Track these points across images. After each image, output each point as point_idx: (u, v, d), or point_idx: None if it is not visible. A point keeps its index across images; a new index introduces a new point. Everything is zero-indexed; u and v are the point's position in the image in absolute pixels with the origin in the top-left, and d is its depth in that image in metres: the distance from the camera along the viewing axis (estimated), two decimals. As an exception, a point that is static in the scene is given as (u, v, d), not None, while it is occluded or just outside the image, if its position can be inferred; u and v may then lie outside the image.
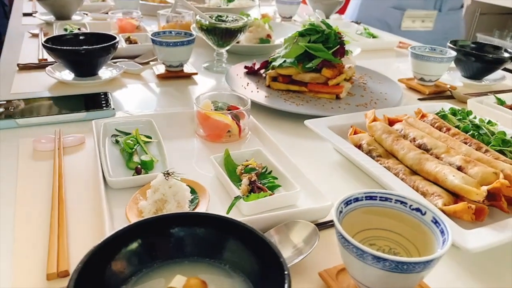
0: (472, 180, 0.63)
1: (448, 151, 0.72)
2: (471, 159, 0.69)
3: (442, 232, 0.47)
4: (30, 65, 1.18)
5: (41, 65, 1.17)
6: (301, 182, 0.68)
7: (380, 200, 0.52)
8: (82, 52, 1.06)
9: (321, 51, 1.02)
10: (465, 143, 0.77)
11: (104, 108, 0.92)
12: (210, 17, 1.23)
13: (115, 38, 1.13)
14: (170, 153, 0.77)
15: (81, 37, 1.15)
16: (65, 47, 1.05)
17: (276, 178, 0.69)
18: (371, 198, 0.50)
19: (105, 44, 1.09)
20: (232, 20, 1.25)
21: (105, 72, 1.16)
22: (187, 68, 1.22)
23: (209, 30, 1.20)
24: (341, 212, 0.49)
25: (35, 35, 1.50)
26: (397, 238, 0.51)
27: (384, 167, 0.72)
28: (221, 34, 1.21)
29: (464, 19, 2.49)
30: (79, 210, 0.62)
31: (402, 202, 0.51)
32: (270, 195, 0.64)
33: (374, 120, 0.82)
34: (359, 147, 0.79)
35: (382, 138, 0.77)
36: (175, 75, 1.18)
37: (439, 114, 0.91)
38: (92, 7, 1.91)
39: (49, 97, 0.98)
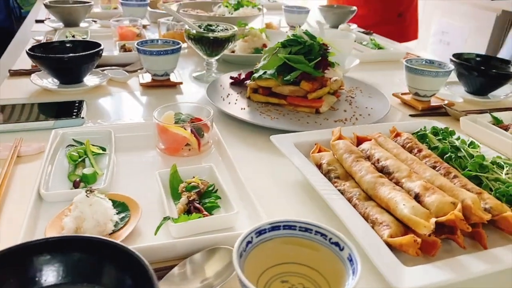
0: (423, 210, 0.57)
1: (410, 176, 0.66)
2: (432, 186, 0.62)
3: (353, 272, 0.42)
4: (20, 71, 1.20)
5: (31, 72, 1.19)
6: (245, 203, 0.64)
7: (299, 230, 0.47)
8: (65, 60, 1.07)
9: (301, 63, 0.98)
10: (434, 167, 0.70)
11: (74, 117, 0.92)
12: (199, 26, 1.21)
13: (99, 45, 1.13)
14: (123, 166, 0.76)
15: (67, 45, 1.16)
16: (47, 55, 1.06)
17: (219, 198, 0.65)
18: (278, 228, 0.46)
19: (88, 52, 1.09)
20: (222, 30, 1.23)
21: (90, 80, 1.16)
22: (175, 77, 1.21)
23: (197, 39, 1.18)
24: (249, 242, 0.45)
25: (38, 42, 1.53)
26: (313, 275, 0.46)
27: (339, 190, 0.67)
28: (209, 44, 1.18)
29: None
30: (14, 222, 0.61)
31: (322, 234, 0.47)
32: (205, 216, 0.60)
33: (340, 138, 0.77)
34: (320, 166, 0.74)
35: (343, 158, 0.72)
36: (159, 84, 1.17)
37: (419, 133, 0.84)
38: (102, 14, 1.94)
39: (23, 104, 0.98)
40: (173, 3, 1.91)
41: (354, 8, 1.98)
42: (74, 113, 0.93)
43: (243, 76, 1.14)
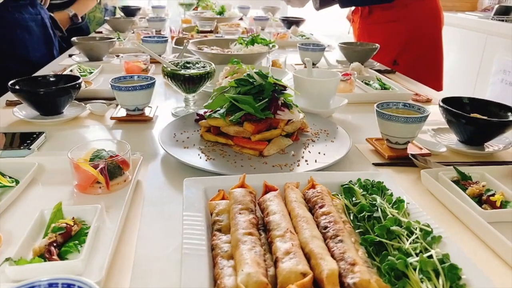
0: (257, 280, 0.49)
1: (284, 236, 0.58)
2: (295, 251, 0.54)
3: None
4: (15, 102, 1.29)
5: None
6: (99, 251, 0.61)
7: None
8: (41, 93, 1.13)
9: (247, 103, 0.94)
10: (326, 227, 0.62)
11: (21, 148, 0.96)
12: (176, 64, 1.23)
13: (77, 79, 1.19)
14: (26, 200, 0.77)
15: (51, 79, 1.23)
16: (24, 89, 1.13)
17: (83, 242, 0.63)
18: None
19: (63, 86, 1.15)
20: (199, 67, 1.23)
21: (70, 111, 1.21)
22: (152, 112, 1.23)
23: (172, 76, 1.19)
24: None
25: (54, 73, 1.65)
26: None
27: (213, 244, 0.61)
28: (183, 81, 1.19)
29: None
30: None
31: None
32: (50, 260, 0.58)
33: (242, 186, 0.71)
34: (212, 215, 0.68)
35: (231, 208, 0.66)
36: (129, 118, 1.19)
37: (345, 186, 0.75)
38: (124, 50, 2.05)
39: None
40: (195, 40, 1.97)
41: (377, 45, 1.89)
42: (25, 144, 0.97)
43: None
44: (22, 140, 1.00)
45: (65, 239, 0.63)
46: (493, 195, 0.76)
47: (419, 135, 1.08)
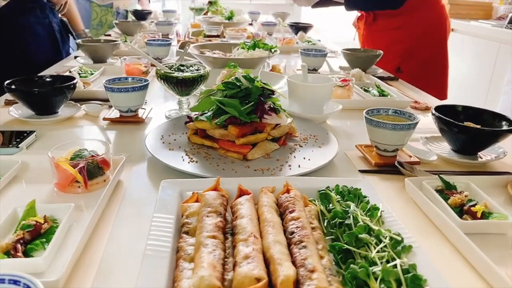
0: (209, 283, 0.49)
1: (247, 240, 0.57)
2: (254, 255, 0.54)
3: None
4: (13, 101, 1.31)
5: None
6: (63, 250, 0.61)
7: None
8: (35, 93, 1.15)
9: (232, 107, 0.93)
10: (293, 232, 0.61)
11: (10, 146, 0.97)
12: (170, 66, 1.23)
13: (72, 79, 1.20)
14: (6, 196, 0.78)
15: (47, 79, 1.25)
16: (19, 88, 1.15)
17: (49, 240, 0.63)
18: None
19: (57, 86, 1.17)
20: (193, 70, 1.23)
21: (65, 112, 1.23)
22: (146, 114, 1.23)
23: (165, 79, 1.19)
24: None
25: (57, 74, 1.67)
26: None
27: (178, 246, 0.61)
28: (176, 83, 1.19)
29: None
30: None
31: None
32: (14, 257, 0.58)
33: (215, 189, 0.71)
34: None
35: (200, 210, 0.65)
36: (121, 119, 1.19)
37: (321, 192, 0.74)
38: (129, 52, 2.07)
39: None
40: (196, 44, 1.98)
41: (380, 52, 1.87)
42: (15, 142, 0.99)
43: (198, 116, 1.12)
44: (13, 138, 1.01)
45: (33, 237, 0.63)
46: (474, 205, 0.74)
47: (411, 142, 1.07)
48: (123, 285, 0.58)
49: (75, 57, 2.03)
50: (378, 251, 0.58)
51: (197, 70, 1.23)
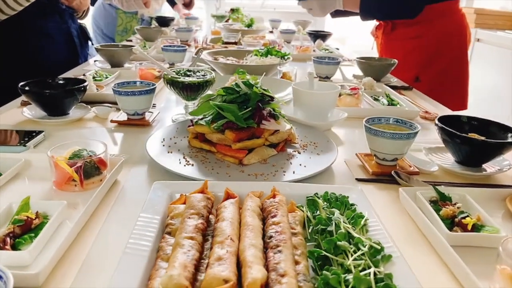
0: (177, 282, 0.49)
1: (223, 242, 0.58)
2: (227, 257, 0.54)
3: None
4: (28, 102, 1.36)
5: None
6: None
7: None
8: (47, 94, 1.19)
9: (230, 112, 0.95)
10: (271, 236, 0.61)
11: (17, 144, 1.01)
12: (177, 71, 1.26)
13: (83, 82, 1.24)
14: (6, 193, 0.81)
15: (60, 82, 1.29)
16: (31, 89, 1.20)
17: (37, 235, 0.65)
18: None
19: (68, 88, 1.21)
20: (200, 76, 1.25)
21: (76, 113, 1.27)
22: (153, 117, 1.26)
23: (171, 83, 1.22)
24: None
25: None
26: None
27: (160, 246, 0.62)
28: (182, 88, 1.21)
29: None
30: None
31: None
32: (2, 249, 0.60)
33: (203, 191, 0.72)
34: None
35: (184, 212, 0.66)
36: (128, 122, 1.22)
37: (308, 198, 0.74)
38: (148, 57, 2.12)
39: (-6, 130, 1.11)
40: (211, 50, 2.01)
41: (395, 61, 1.85)
42: (22, 141, 1.03)
43: (201, 121, 1.14)
44: (22, 137, 1.05)
45: (23, 232, 0.66)
46: (466, 217, 0.72)
47: (415, 153, 1.06)
48: (103, 284, 0.59)
49: (95, 61, 2.09)
50: (355, 259, 0.58)
51: (203, 75, 1.25)
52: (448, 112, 1.54)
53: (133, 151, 1.05)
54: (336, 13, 2.33)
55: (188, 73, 1.26)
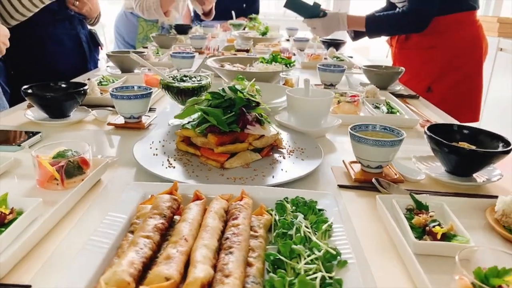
0: (119, 278, 0.50)
1: (176, 242, 0.59)
2: (177, 256, 0.55)
3: None
4: (32, 105, 1.42)
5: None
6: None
7: None
8: (48, 97, 1.24)
9: (214, 116, 0.96)
10: (227, 238, 0.61)
11: (13, 144, 1.05)
12: (173, 77, 1.28)
13: (83, 86, 1.28)
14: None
15: (62, 85, 1.34)
16: (33, 92, 1.25)
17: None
18: None
19: (68, 91, 1.25)
20: (195, 81, 1.27)
21: (76, 116, 1.31)
22: (150, 121, 1.29)
23: (166, 88, 1.25)
24: None
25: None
26: None
27: (121, 243, 0.64)
28: (177, 93, 1.24)
29: None
30: None
31: None
32: (-30, 242, 0.63)
33: (171, 193, 0.73)
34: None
35: (148, 212, 0.68)
36: (124, 125, 1.25)
37: (277, 202, 0.74)
38: (156, 63, 2.17)
39: (-7, 129, 1.16)
40: (218, 57, 2.03)
41: (402, 69, 1.83)
42: (18, 142, 1.07)
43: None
44: (19, 138, 1.10)
45: (-4, 226, 0.68)
46: (436, 226, 0.70)
47: (404, 161, 1.04)
48: (61, 282, 0.61)
49: (107, 67, 2.15)
50: (307, 263, 0.57)
51: (198, 81, 1.27)
52: (454, 123, 1.50)
53: (125, 153, 1.07)
54: (356, 36, 2.34)
55: (184, 78, 1.29)
